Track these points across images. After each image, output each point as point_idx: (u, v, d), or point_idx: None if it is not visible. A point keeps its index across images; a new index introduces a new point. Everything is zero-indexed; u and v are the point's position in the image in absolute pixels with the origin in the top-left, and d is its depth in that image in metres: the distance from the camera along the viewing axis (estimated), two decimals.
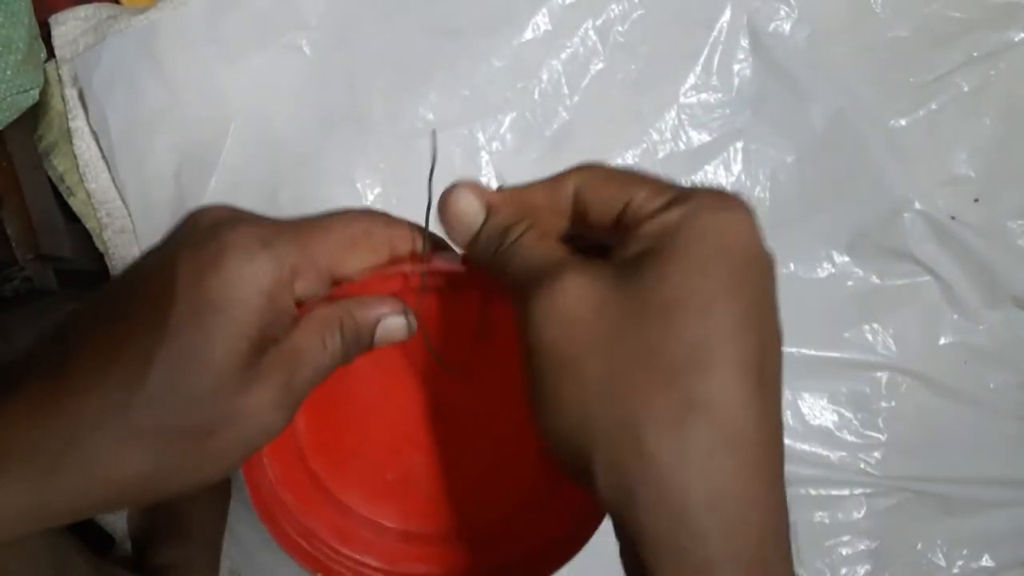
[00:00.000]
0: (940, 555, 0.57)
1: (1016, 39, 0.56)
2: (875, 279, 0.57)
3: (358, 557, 0.28)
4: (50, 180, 0.55)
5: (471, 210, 0.24)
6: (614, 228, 0.22)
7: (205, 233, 0.21)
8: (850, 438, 0.57)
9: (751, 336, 0.19)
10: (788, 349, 0.57)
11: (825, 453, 0.57)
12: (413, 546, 0.28)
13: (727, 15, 0.56)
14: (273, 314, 0.22)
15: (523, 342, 0.21)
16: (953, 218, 0.56)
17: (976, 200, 0.57)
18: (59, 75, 0.55)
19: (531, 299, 0.21)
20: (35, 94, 0.52)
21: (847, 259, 0.57)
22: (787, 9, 0.55)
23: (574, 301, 0.20)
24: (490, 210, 0.24)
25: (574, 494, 0.27)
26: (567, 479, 0.27)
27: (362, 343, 0.24)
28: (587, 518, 0.27)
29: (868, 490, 0.57)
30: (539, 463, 0.28)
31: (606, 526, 0.25)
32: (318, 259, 0.23)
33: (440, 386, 0.28)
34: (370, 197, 0.55)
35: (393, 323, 0.25)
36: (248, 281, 0.21)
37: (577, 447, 0.20)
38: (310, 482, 0.28)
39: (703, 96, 0.56)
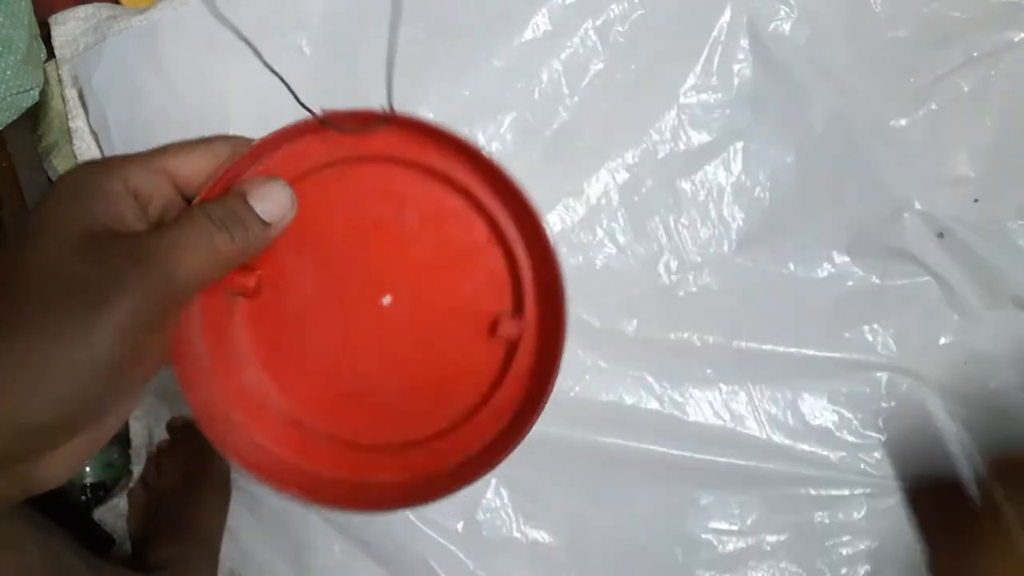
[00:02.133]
0: None
1: (1016, 39, 0.56)
2: (875, 279, 0.57)
3: (314, 470, 0.28)
4: (50, 180, 0.55)
5: None
6: None
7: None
8: (850, 438, 0.57)
9: None
10: (788, 349, 0.57)
11: (825, 453, 0.57)
12: (364, 455, 0.29)
13: (727, 15, 0.56)
14: (115, 214, 0.23)
15: None
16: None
17: (976, 200, 0.57)
18: (59, 75, 0.55)
19: None
20: (35, 94, 0.52)
21: (847, 259, 0.57)
22: (787, 9, 0.55)
23: None
24: None
25: (506, 399, 0.28)
26: (500, 384, 0.28)
27: (245, 221, 0.24)
28: (518, 423, 0.28)
29: (868, 490, 0.57)
30: (476, 366, 0.29)
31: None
32: (153, 164, 0.24)
33: (378, 286, 0.28)
34: None
35: (267, 189, 0.25)
36: (75, 184, 0.23)
37: None
38: (260, 398, 0.29)
39: (703, 96, 0.56)
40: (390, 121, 0.26)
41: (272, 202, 0.25)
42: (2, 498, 0.22)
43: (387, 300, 0.28)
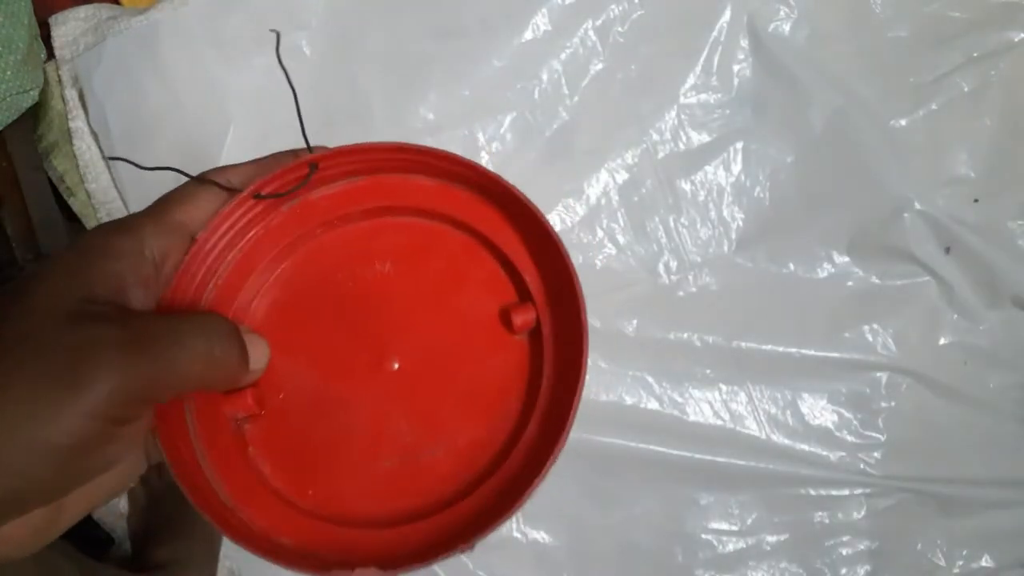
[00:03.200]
0: (940, 555, 0.57)
1: (1016, 39, 0.56)
2: (875, 279, 0.57)
3: (351, 554, 0.26)
4: (50, 180, 0.55)
5: None
6: None
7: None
8: (850, 438, 0.57)
9: None
10: (788, 349, 0.57)
11: (825, 453, 0.57)
12: (409, 526, 0.27)
13: (727, 15, 0.56)
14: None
15: None
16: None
17: (976, 200, 0.57)
18: (59, 75, 0.54)
19: None
20: (35, 94, 0.52)
21: (847, 259, 0.57)
22: (787, 10, 0.55)
23: None
24: None
25: (539, 409, 0.27)
26: (535, 395, 0.27)
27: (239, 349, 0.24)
28: (532, 469, 0.26)
29: (868, 490, 0.57)
30: (503, 379, 0.28)
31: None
32: (166, 221, 0.24)
33: (380, 354, 0.27)
34: None
35: (255, 340, 0.25)
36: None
37: None
38: (287, 506, 0.27)
39: (703, 96, 0.56)
40: (317, 165, 0.26)
41: (259, 355, 0.25)
42: None
43: (395, 364, 0.27)
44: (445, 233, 0.28)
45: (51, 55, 0.55)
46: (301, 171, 0.26)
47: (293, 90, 0.26)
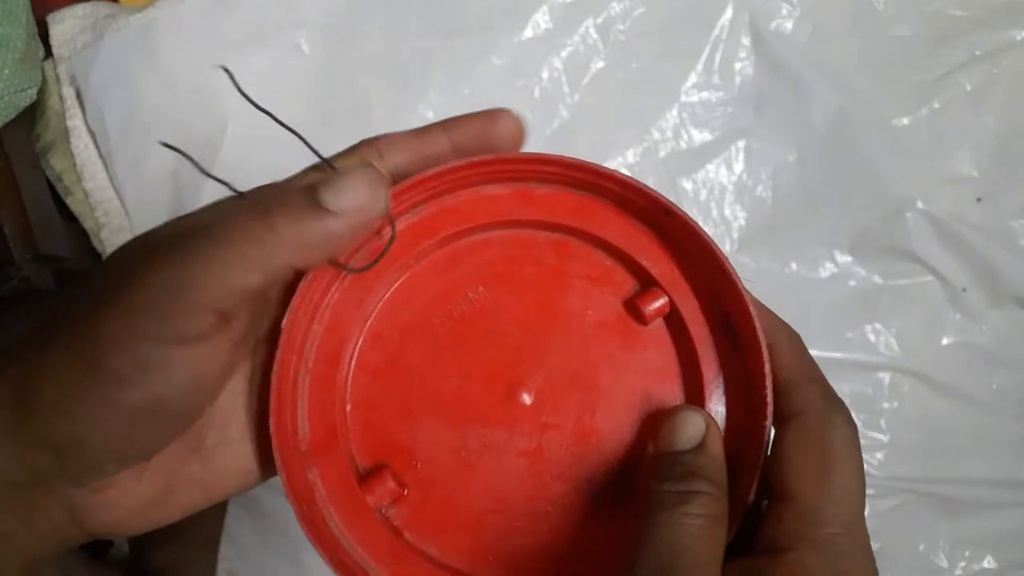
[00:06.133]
0: (943, 556, 0.56)
1: (1018, 38, 0.56)
2: (877, 279, 0.57)
3: None
4: (48, 179, 0.55)
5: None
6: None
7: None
8: None
9: None
10: None
11: None
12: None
13: (728, 13, 0.55)
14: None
15: None
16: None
17: (979, 200, 0.57)
18: (57, 74, 0.54)
19: None
20: (33, 93, 0.51)
21: (849, 259, 0.57)
22: (789, 7, 0.55)
23: None
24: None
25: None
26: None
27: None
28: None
29: (870, 491, 0.56)
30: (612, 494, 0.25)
31: None
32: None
33: (514, 385, 0.25)
34: None
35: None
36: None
37: None
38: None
39: (704, 95, 0.56)
40: (394, 238, 0.24)
41: (351, 190, 0.21)
42: (61, 534, 0.21)
43: (527, 396, 0.25)
44: (529, 238, 0.25)
45: (49, 53, 0.54)
46: (379, 239, 0.24)
47: (285, 125, 0.24)
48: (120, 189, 0.54)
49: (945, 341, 0.57)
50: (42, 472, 0.20)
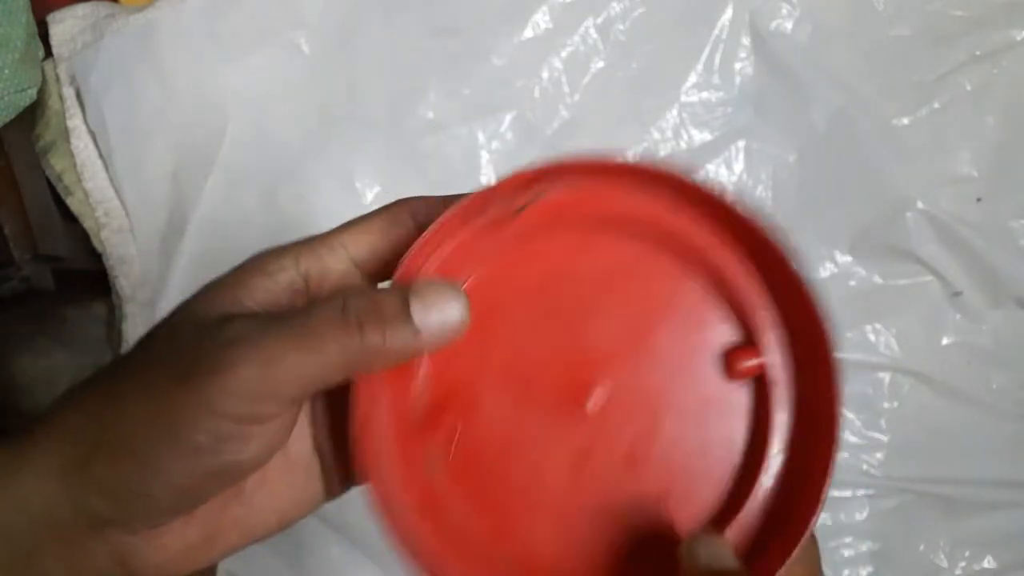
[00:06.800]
0: (943, 556, 0.56)
1: (1019, 38, 0.56)
2: (877, 279, 0.57)
3: None
4: (48, 179, 0.55)
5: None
6: None
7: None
8: (852, 439, 0.57)
9: None
10: None
11: None
12: None
13: (728, 13, 0.55)
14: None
15: None
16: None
17: (979, 200, 0.57)
18: (57, 74, 0.54)
19: None
20: (33, 93, 0.51)
21: (849, 259, 0.57)
22: (789, 7, 0.55)
23: None
24: None
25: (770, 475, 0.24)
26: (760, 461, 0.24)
27: (388, 321, 0.21)
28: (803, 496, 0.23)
29: (870, 491, 0.56)
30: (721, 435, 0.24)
31: None
32: (329, 241, 0.23)
33: (581, 386, 0.24)
34: (369, 196, 0.55)
35: (437, 294, 0.21)
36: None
37: None
38: (479, 546, 0.24)
39: (704, 95, 0.56)
40: (545, 192, 0.23)
41: (438, 310, 0.21)
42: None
43: (596, 402, 0.24)
44: (664, 258, 0.25)
45: (49, 53, 0.54)
46: (529, 185, 0.23)
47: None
48: (120, 189, 0.54)
49: (945, 341, 0.57)
50: (97, 517, 0.21)
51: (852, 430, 0.57)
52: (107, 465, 0.20)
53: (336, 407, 0.23)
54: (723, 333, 0.24)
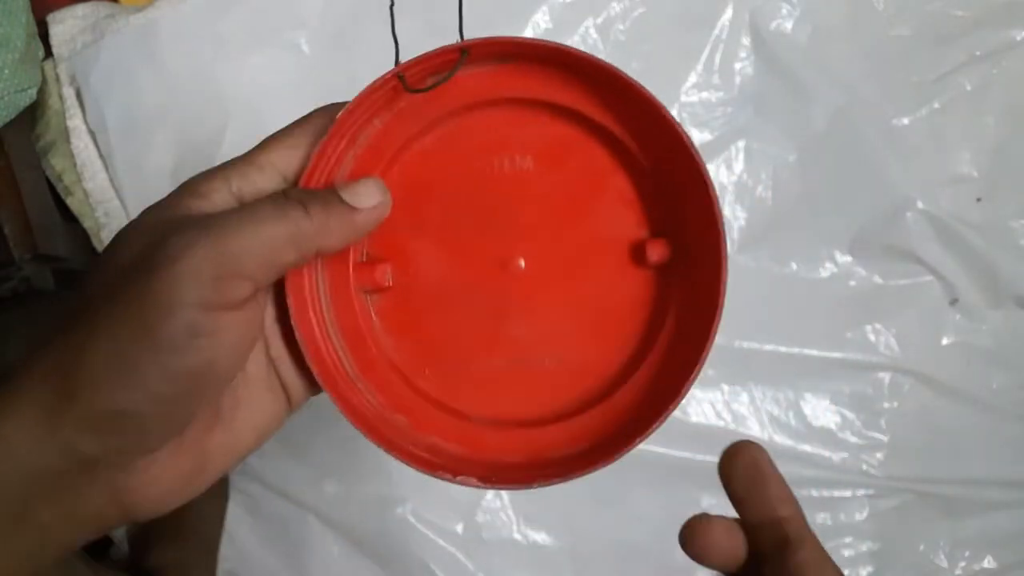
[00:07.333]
0: (943, 556, 0.57)
1: (1019, 38, 0.56)
2: (877, 279, 0.57)
3: (489, 458, 0.27)
4: (48, 179, 0.55)
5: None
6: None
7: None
8: (852, 439, 0.57)
9: None
10: (790, 349, 0.56)
11: (827, 454, 0.56)
12: (535, 431, 0.27)
13: (728, 13, 0.55)
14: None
15: None
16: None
17: (979, 200, 0.57)
18: (57, 74, 0.54)
19: None
20: (33, 93, 0.51)
21: (849, 259, 0.57)
22: (789, 7, 0.55)
23: None
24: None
25: (671, 335, 0.27)
26: (662, 321, 0.26)
27: (326, 201, 0.23)
28: (658, 401, 0.26)
29: (870, 491, 0.56)
30: (629, 304, 0.27)
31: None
32: (255, 161, 0.25)
33: (508, 247, 0.27)
34: None
35: (358, 183, 0.24)
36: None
37: None
38: (415, 395, 0.27)
39: (704, 95, 0.56)
40: (469, 51, 0.25)
41: (362, 193, 0.24)
42: (102, 520, 0.22)
43: (522, 263, 0.27)
44: (591, 140, 0.27)
45: (49, 53, 0.54)
46: (449, 56, 0.25)
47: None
48: (120, 189, 0.54)
49: (945, 341, 0.57)
50: (87, 457, 0.21)
51: (852, 430, 0.57)
52: (88, 391, 0.20)
53: (285, 317, 0.25)
54: (637, 221, 0.27)
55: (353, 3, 0.55)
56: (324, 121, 0.25)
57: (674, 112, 0.56)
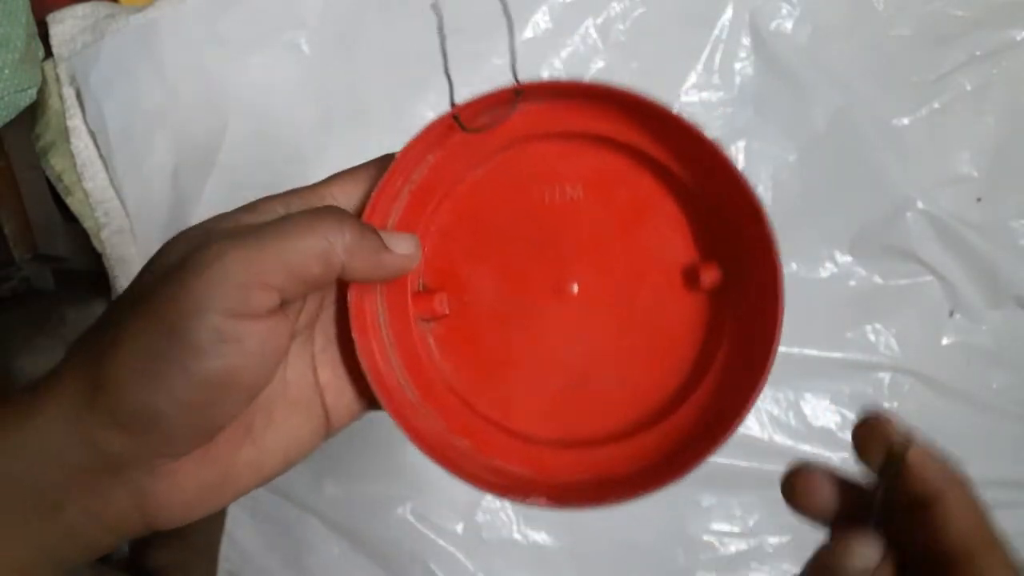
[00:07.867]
0: None
1: (1018, 38, 0.56)
2: (877, 279, 0.57)
3: (554, 478, 0.27)
4: (48, 179, 0.55)
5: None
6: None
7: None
8: None
9: None
10: (790, 350, 0.56)
11: (827, 454, 0.56)
12: (597, 451, 0.27)
13: (728, 13, 0.55)
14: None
15: None
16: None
17: (979, 200, 0.57)
18: (57, 74, 0.54)
19: None
20: (33, 93, 0.51)
21: (849, 259, 0.57)
22: (789, 7, 0.55)
23: None
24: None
25: (728, 355, 0.27)
26: (719, 340, 0.27)
27: (363, 234, 0.24)
28: (718, 421, 0.26)
29: None
30: (684, 326, 0.28)
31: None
32: (319, 192, 0.25)
33: (562, 274, 0.28)
34: None
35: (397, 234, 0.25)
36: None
37: None
38: (479, 419, 0.28)
39: (704, 95, 0.56)
40: (523, 92, 0.26)
41: (397, 240, 0.25)
42: (124, 524, 0.22)
43: (575, 288, 0.28)
44: (639, 170, 0.27)
45: (49, 53, 0.54)
46: (503, 96, 0.26)
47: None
48: (120, 189, 0.54)
49: (945, 341, 0.57)
50: (114, 456, 0.21)
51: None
52: (114, 389, 0.21)
53: (346, 338, 0.26)
54: (689, 247, 0.28)
55: (353, 3, 0.55)
56: (385, 162, 0.26)
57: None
